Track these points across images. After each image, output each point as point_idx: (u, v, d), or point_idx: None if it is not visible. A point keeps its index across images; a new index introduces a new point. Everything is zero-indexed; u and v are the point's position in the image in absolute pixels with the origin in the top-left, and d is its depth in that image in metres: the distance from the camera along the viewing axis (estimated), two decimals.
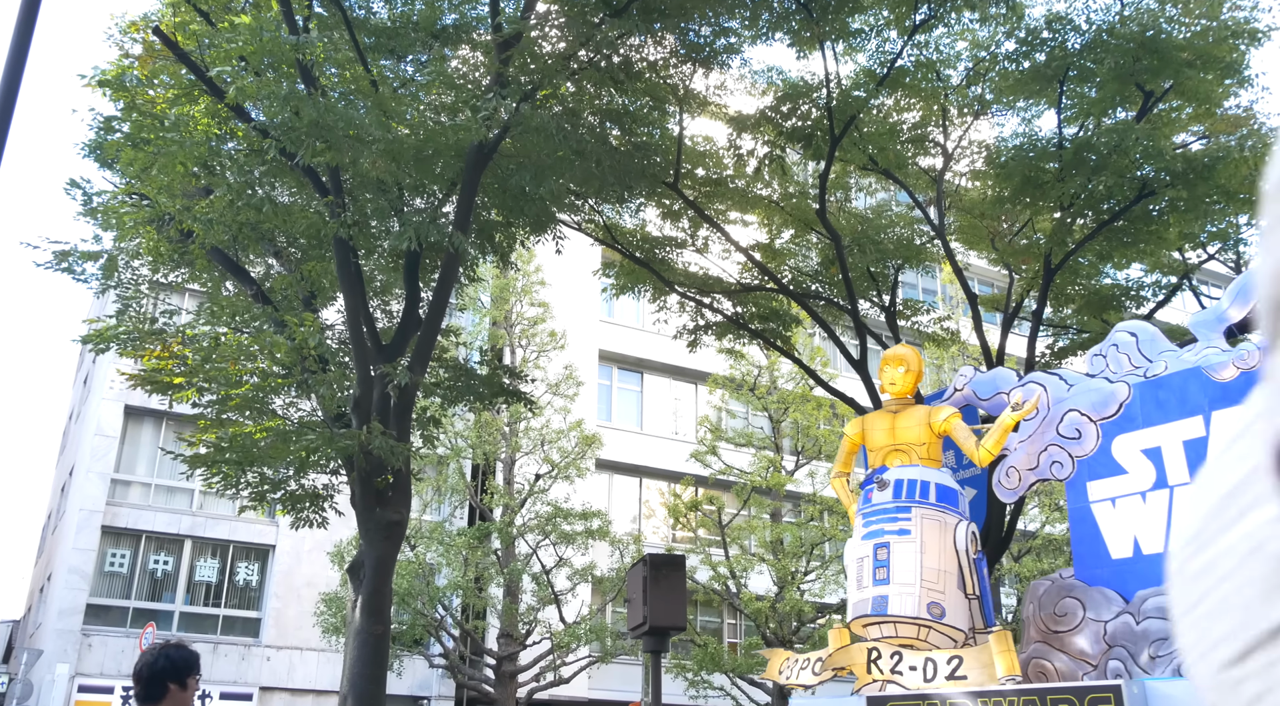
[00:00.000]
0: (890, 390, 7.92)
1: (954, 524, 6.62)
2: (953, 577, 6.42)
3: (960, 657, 6.21)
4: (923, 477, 6.81)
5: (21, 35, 7.02)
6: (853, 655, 6.73)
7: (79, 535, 23.67)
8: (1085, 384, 7.85)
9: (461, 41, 12.48)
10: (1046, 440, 7.83)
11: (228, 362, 11.63)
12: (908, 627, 6.37)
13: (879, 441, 7.67)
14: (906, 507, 6.69)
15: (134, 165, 11.03)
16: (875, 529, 6.74)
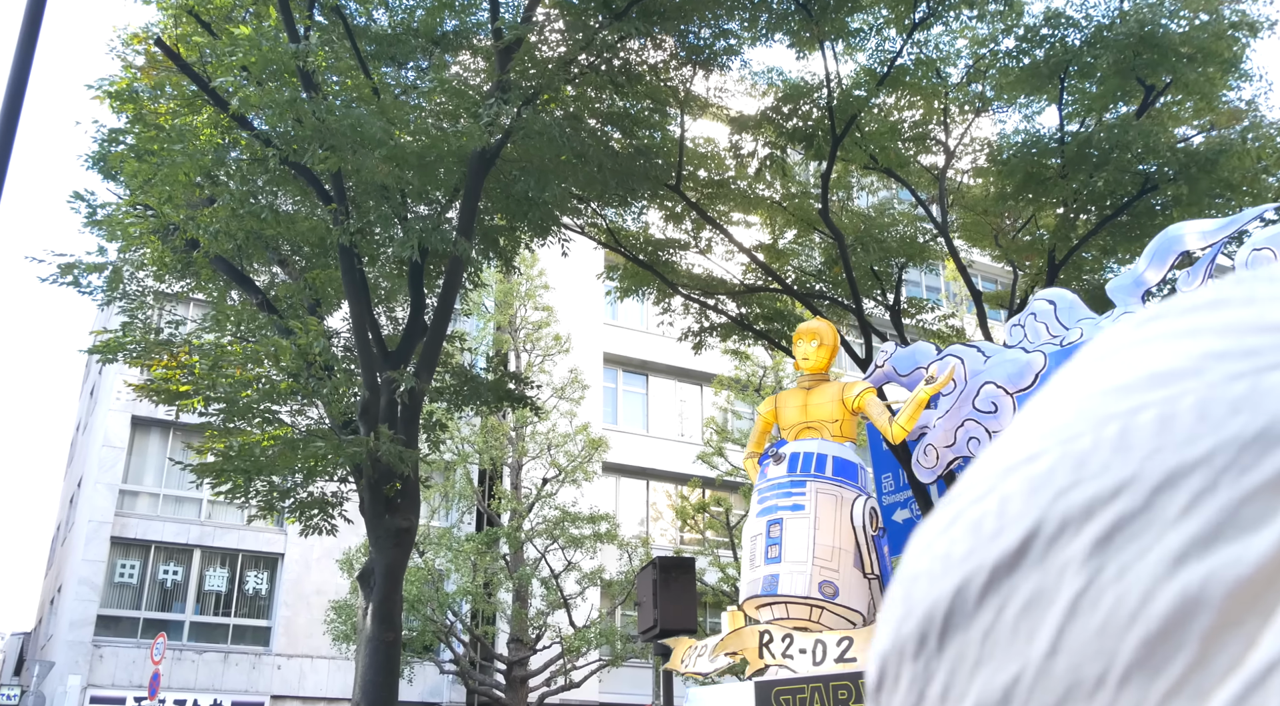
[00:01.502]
0: (804, 365, 7.60)
1: (852, 499, 6.24)
2: (849, 555, 6.04)
3: (851, 639, 5.88)
4: (820, 451, 6.44)
5: (24, 49, 7.06)
6: (745, 639, 6.40)
7: (88, 546, 23.72)
8: (1002, 355, 7.60)
9: (462, 47, 12.53)
10: (963, 415, 7.54)
11: (234, 371, 11.66)
12: (799, 608, 5.99)
13: (791, 419, 7.35)
14: (801, 482, 6.30)
15: (138, 176, 11.07)
16: (769, 504, 6.36)
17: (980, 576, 0.32)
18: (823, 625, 6.01)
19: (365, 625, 10.97)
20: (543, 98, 11.78)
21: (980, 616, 0.32)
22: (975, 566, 0.32)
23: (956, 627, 0.33)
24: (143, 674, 22.30)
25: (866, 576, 6.08)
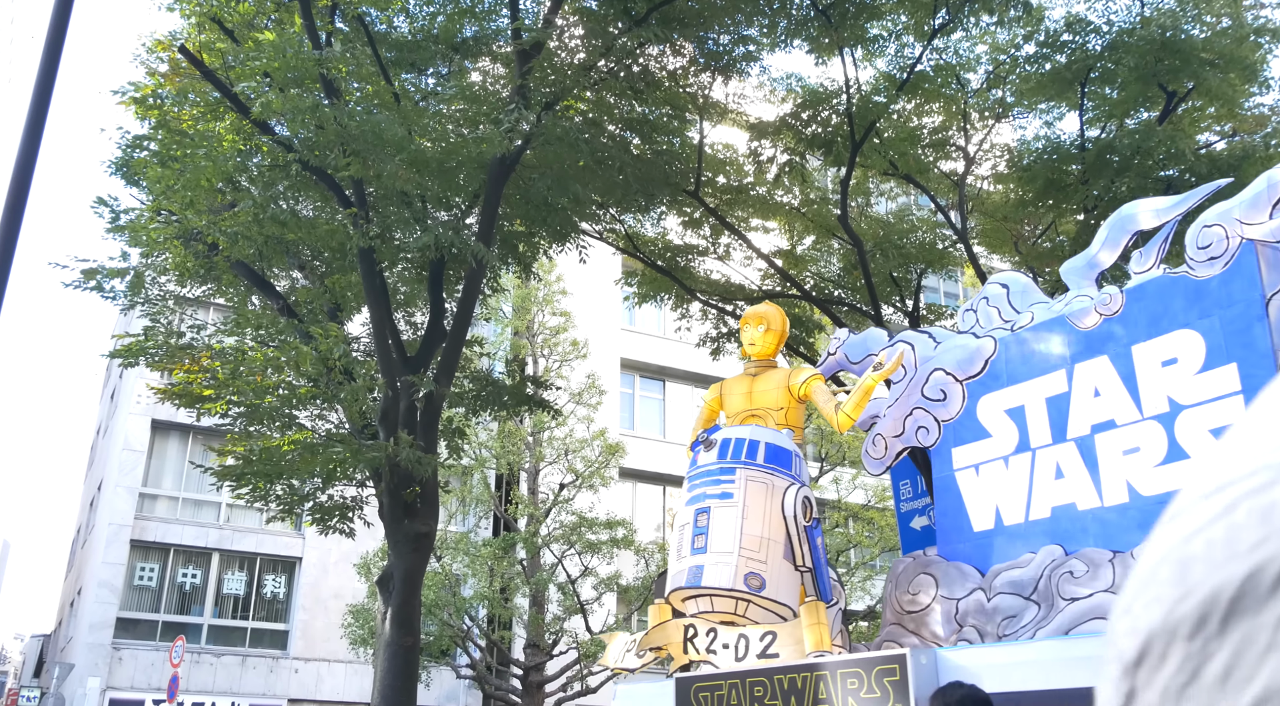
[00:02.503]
0: (750, 351, 7.26)
1: (783, 487, 5.82)
2: (778, 546, 5.65)
3: (774, 633, 5.63)
4: (753, 437, 6.02)
5: (50, 55, 7.12)
6: (669, 633, 6.13)
7: (108, 549, 23.86)
8: (952, 341, 7.33)
9: (482, 54, 12.57)
10: (912, 403, 7.27)
11: (255, 376, 11.71)
12: (724, 601, 5.59)
13: (736, 406, 7.04)
14: (731, 469, 5.90)
15: (161, 182, 11.14)
16: (698, 493, 5.99)
17: (1275, 565, 0.33)
18: (749, 619, 5.66)
19: (384, 629, 10.99)
20: (562, 103, 11.81)
21: (1274, 603, 0.32)
22: (1269, 555, 0.33)
23: (1245, 612, 0.33)
24: (161, 676, 22.41)
25: (798, 568, 5.69)
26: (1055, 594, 5.98)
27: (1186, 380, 5.90)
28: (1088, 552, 6.06)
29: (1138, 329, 6.27)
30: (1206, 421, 5.74)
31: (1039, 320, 6.88)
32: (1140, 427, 6.06)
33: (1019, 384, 6.82)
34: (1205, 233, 6.11)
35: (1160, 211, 6.57)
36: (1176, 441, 5.86)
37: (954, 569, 6.74)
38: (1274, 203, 5.83)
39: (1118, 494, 6.08)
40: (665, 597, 6.06)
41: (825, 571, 5.87)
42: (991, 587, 6.39)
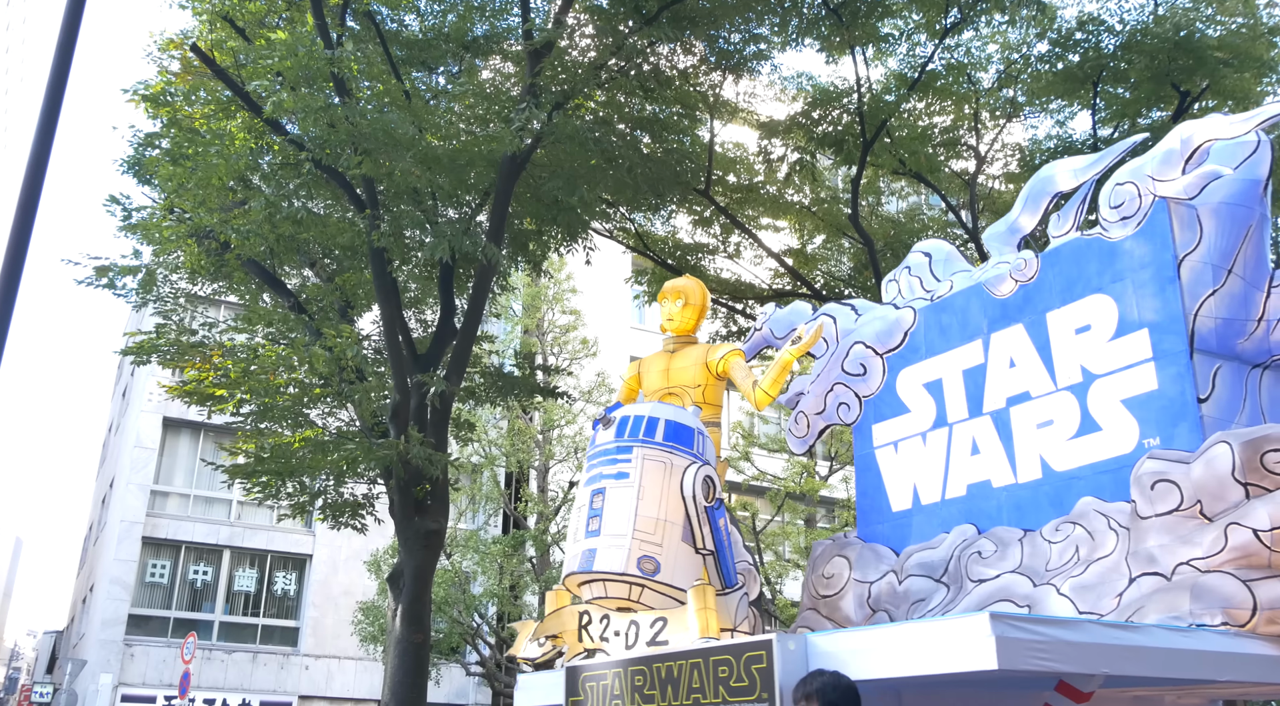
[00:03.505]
0: (668, 326, 6.87)
1: (683, 467, 5.44)
2: (676, 529, 5.31)
3: (664, 620, 5.31)
4: (652, 414, 5.64)
5: (63, 54, 7.15)
6: (564, 621, 5.79)
7: (120, 546, 23.97)
8: (873, 312, 7.05)
9: (492, 52, 12.58)
10: (833, 379, 7.01)
11: (267, 374, 11.75)
12: (618, 586, 5.26)
13: (654, 384, 6.72)
14: (628, 448, 5.51)
15: (172, 180, 11.18)
16: (594, 473, 5.64)
17: None
18: (644, 604, 5.30)
19: (394, 626, 11.02)
20: (573, 102, 11.81)
21: None
22: None
23: None
24: (173, 673, 22.50)
25: (699, 552, 5.36)
26: (964, 575, 5.76)
27: (1099, 348, 5.68)
28: (998, 531, 5.85)
29: (1052, 295, 5.99)
30: (1118, 391, 5.52)
31: (957, 289, 6.59)
32: (1054, 399, 5.83)
33: (937, 356, 6.56)
34: (1118, 191, 5.86)
35: (1078, 171, 6.30)
36: (1089, 413, 5.63)
37: (869, 551, 6.52)
38: (1186, 158, 5.60)
39: (1031, 470, 5.86)
40: (563, 582, 5.72)
41: (730, 555, 5.52)
42: (903, 569, 6.17)
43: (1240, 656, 4.30)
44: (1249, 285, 5.51)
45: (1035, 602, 5.25)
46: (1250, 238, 5.52)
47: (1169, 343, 5.35)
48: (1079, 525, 5.36)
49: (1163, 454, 5.06)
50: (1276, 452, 4.69)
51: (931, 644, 3.97)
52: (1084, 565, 5.18)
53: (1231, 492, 4.72)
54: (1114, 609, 4.85)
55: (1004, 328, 6.19)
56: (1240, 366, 5.47)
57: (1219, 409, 5.23)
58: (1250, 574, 4.52)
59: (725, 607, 5.28)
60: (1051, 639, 3.84)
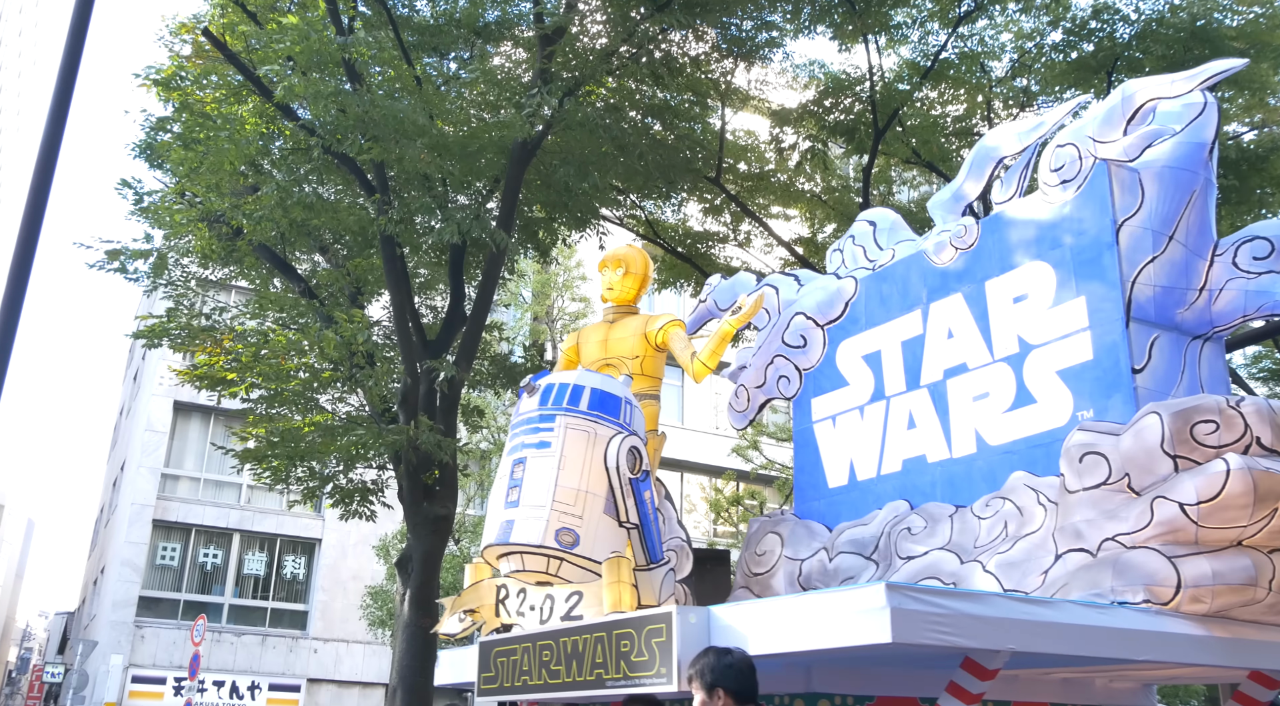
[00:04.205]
0: (608, 296, 6.67)
1: (608, 437, 5.21)
2: (598, 501, 5.08)
3: (580, 594, 5.08)
4: (578, 382, 5.41)
5: (75, 38, 7.16)
6: (482, 594, 5.58)
7: (131, 529, 24.10)
8: (815, 282, 6.83)
9: (504, 38, 12.55)
10: (773, 351, 6.78)
11: (278, 358, 11.78)
12: (535, 559, 5.05)
13: (592, 355, 6.50)
14: (551, 416, 5.29)
15: (184, 164, 11.20)
16: (516, 442, 5.43)
17: None
18: (562, 578, 5.08)
19: (403, 611, 11.07)
20: (584, 89, 11.78)
21: None
22: None
23: None
24: (183, 654, 22.64)
25: (623, 525, 5.13)
26: (894, 552, 5.57)
27: (1037, 317, 5.41)
28: (929, 507, 5.64)
29: (991, 263, 5.75)
30: (1054, 362, 5.28)
31: (899, 258, 6.33)
32: (990, 371, 5.59)
33: (877, 327, 6.30)
34: (1058, 153, 5.58)
35: (1023, 135, 6.03)
36: (1024, 385, 5.39)
37: (802, 528, 6.30)
38: (1128, 117, 5.36)
39: (966, 444, 5.62)
40: (480, 555, 5.51)
41: (655, 529, 5.28)
42: (834, 547, 5.97)
43: (1160, 635, 4.08)
44: (1191, 253, 5.26)
45: (961, 580, 5.05)
46: (1194, 203, 5.27)
47: (1105, 311, 5.09)
48: (1009, 500, 5.16)
49: (1093, 426, 4.82)
50: (1207, 424, 4.45)
51: (828, 617, 3.74)
52: (1011, 541, 4.97)
53: (1160, 465, 4.47)
54: (1039, 586, 4.64)
55: (943, 297, 5.95)
56: (1180, 337, 5.22)
57: (1155, 380, 5.00)
58: (1176, 550, 4.30)
59: (649, 583, 5.12)
60: (952, 612, 3.61)
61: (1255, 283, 5.18)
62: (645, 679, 4.21)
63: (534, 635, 5.10)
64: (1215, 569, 4.23)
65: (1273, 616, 4.43)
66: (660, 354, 6.38)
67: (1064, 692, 5.27)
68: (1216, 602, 4.24)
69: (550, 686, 4.85)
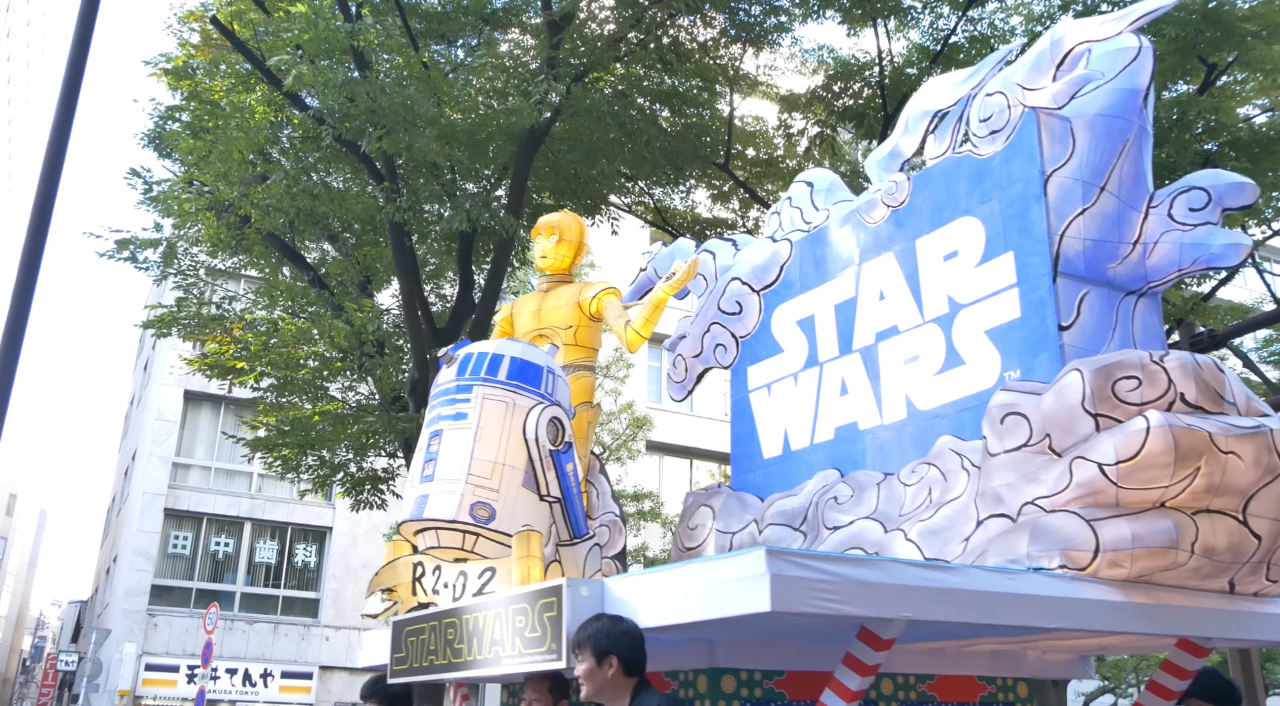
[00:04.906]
0: (542, 264, 6.43)
1: (527, 407, 4.98)
2: (517, 474, 4.89)
3: (493, 570, 4.85)
4: (497, 351, 5.16)
5: (83, 27, 7.15)
6: (399, 572, 5.38)
7: (143, 518, 24.22)
8: (751, 246, 6.56)
9: (511, 25, 12.52)
10: (709, 319, 6.52)
11: (288, 347, 11.81)
12: (450, 535, 4.85)
13: (525, 325, 6.28)
14: (468, 387, 5.05)
15: (193, 153, 11.21)
16: (434, 415, 5.20)
17: None
18: (479, 554, 4.85)
19: None
20: (592, 75, 11.75)
21: None
22: None
23: None
24: (195, 642, 22.77)
25: (544, 498, 4.93)
26: (821, 523, 5.33)
27: (966, 275, 5.13)
28: (857, 475, 5.37)
29: (922, 220, 5.46)
30: (982, 322, 4.99)
31: (833, 218, 6.05)
32: (920, 333, 5.30)
33: (810, 291, 6.01)
34: (986, 103, 5.26)
35: (957, 86, 5.69)
36: (954, 346, 5.10)
37: (735, 500, 6.06)
38: (1057, 63, 5.08)
39: (897, 410, 5.32)
40: (398, 531, 5.30)
41: (577, 502, 5.10)
42: (764, 519, 5.71)
43: (1074, 602, 3.85)
44: (1124, 205, 4.98)
45: (884, 549, 4.84)
46: (1127, 152, 4.98)
47: (1033, 266, 4.82)
48: (934, 466, 4.91)
49: (1016, 386, 4.57)
50: (1129, 381, 4.18)
51: (711, 586, 3.52)
52: (934, 508, 4.74)
53: (1081, 425, 4.21)
54: (960, 554, 4.42)
55: (875, 257, 5.64)
56: (1111, 293, 4.93)
57: (1083, 338, 4.71)
58: (1096, 513, 4.05)
59: (573, 558, 4.98)
60: (840, 578, 3.39)
61: (1191, 235, 4.92)
62: (537, 656, 4.01)
63: (440, 613, 4.91)
64: (1135, 532, 4.00)
65: (1197, 581, 4.17)
66: (595, 324, 6.17)
67: (993, 665, 5.05)
68: (1136, 567, 4.01)
69: (454, 666, 4.66)
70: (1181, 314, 13.49)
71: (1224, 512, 4.07)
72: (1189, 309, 13.44)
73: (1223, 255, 4.85)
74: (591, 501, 5.92)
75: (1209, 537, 4.03)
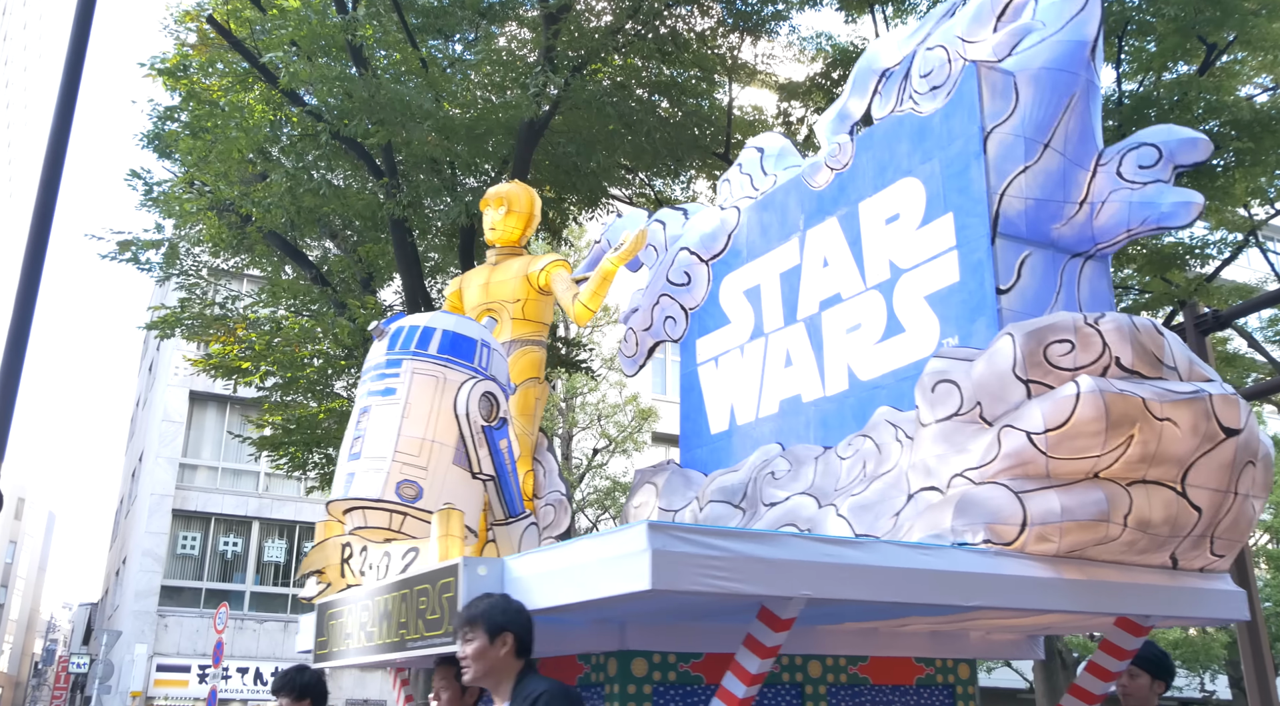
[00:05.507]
0: (490, 237, 6.24)
1: (459, 382, 4.80)
2: (447, 451, 4.70)
3: (416, 550, 4.67)
4: (429, 324, 4.96)
5: (80, 30, 7.15)
6: (328, 553, 5.22)
7: (151, 519, 24.27)
8: (700, 215, 6.33)
9: (508, 18, 12.49)
10: (658, 290, 6.27)
11: (291, 346, 11.82)
12: (378, 514, 4.69)
13: (474, 300, 6.10)
14: (398, 361, 4.86)
15: (192, 153, 11.21)
16: (364, 391, 5.03)
17: None
18: (406, 534, 4.69)
19: None
20: (590, 67, 11.73)
21: None
22: None
23: None
24: (206, 642, 22.84)
25: (476, 476, 4.76)
26: (759, 499, 5.11)
27: (907, 238, 4.88)
28: (796, 450, 5.16)
29: (865, 182, 5.20)
30: (922, 287, 4.74)
31: (779, 184, 5.79)
32: (862, 300, 5.06)
33: (757, 259, 5.77)
34: (927, 57, 5.01)
35: (902, 43, 5.44)
36: (894, 313, 4.87)
37: (679, 477, 5.84)
38: (998, 14, 4.87)
39: (839, 381, 5.11)
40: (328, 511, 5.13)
41: (513, 480, 4.92)
42: (705, 496, 5.48)
43: (996, 578, 3.63)
44: (1070, 162, 4.71)
45: (816, 525, 4.62)
46: (1074, 107, 4.73)
47: (972, 227, 4.55)
48: (869, 438, 4.69)
49: (949, 352, 4.30)
50: (1062, 344, 3.92)
51: (599, 563, 3.34)
52: (867, 482, 4.52)
53: (1013, 392, 3.96)
54: (890, 529, 4.19)
55: (819, 222, 5.39)
56: (1056, 255, 4.67)
57: (1023, 302, 4.45)
58: (1025, 485, 3.79)
59: (507, 538, 4.85)
60: (732, 554, 3.19)
61: (1140, 193, 4.64)
62: (436, 638, 3.85)
63: (356, 595, 4.78)
64: (1065, 504, 3.75)
65: (1134, 556, 3.93)
66: (545, 297, 6.01)
67: (932, 646, 4.84)
68: (1066, 541, 3.76)
69: (367, 649, 4.53)
70: (1185, 295, 13.47)
71: (1161, 483, 3.85)
72: (1193, 290, 13.42)
73: (1173, 214, 4.58)
74: (538, 480, 5.79)
75: (1144, 510, 3.81)
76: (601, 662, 4.24)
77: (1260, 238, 16.62)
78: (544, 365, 6.01)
